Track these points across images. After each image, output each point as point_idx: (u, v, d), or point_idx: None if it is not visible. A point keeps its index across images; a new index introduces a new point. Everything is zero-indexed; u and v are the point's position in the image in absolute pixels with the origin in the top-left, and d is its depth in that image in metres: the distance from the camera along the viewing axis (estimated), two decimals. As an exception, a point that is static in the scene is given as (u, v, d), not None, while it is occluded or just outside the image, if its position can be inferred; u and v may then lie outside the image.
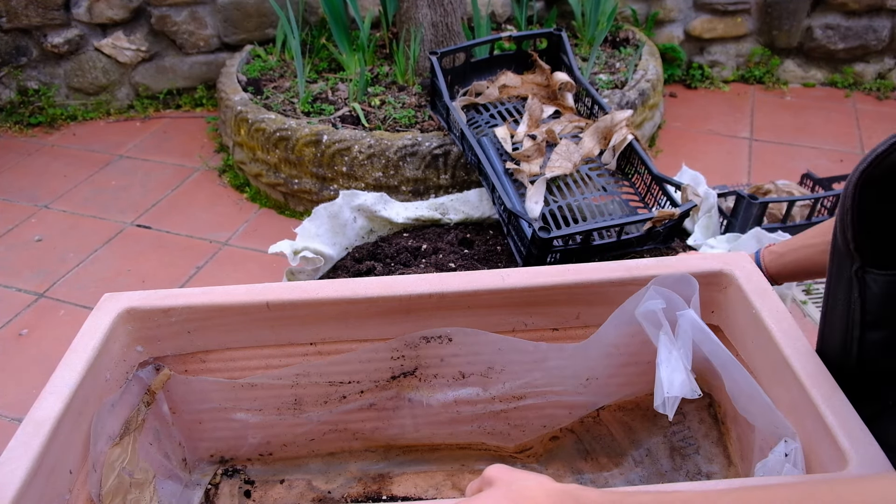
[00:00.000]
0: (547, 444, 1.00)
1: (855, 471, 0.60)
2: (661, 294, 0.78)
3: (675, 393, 0.73)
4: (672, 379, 0.73)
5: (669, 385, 0.73)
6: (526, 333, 0.90)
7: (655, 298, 0.78)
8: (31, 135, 2.77)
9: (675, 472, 0.92)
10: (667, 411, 0.73)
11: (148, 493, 0.83)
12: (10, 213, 2.32)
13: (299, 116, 2.17)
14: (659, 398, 0.74)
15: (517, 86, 1.83)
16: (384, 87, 2.31)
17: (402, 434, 0.98)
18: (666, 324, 0.77)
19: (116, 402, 0.82)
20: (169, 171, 2.52)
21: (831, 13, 2.77)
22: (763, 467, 0.69)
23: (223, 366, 0.91)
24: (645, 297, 0.79)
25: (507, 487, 0.55)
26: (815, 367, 0.71)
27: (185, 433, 0.96)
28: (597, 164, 1.59)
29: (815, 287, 1.84)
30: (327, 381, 0.91)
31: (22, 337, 1.81)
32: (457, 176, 2.00)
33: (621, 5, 2.80)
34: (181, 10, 2.74)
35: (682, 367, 0.74)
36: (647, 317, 0.78)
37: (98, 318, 0.83)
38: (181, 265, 2.05)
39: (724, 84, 2.90)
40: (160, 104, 2.91)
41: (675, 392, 0.73)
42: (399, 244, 1.52)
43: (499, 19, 2.77)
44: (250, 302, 0.85)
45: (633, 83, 2.30)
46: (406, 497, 0.97)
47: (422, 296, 0.84)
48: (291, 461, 1.00)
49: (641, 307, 0.79)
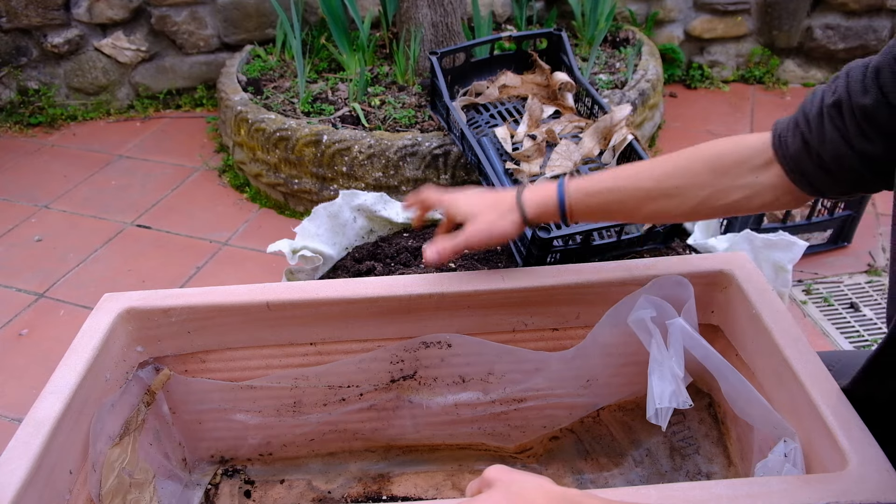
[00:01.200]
0: (547, 445, 1.00)
1: (855, 471, 0.60)
2: (651, 303, 0.79)
3: (665, 404, 0.73)
4: (663, 390, 0.74)
5: (661, 397, 0.74)
6: (526, 333, 0.90)
7: (645, 307, 0.78)
8: (31, 135, 2.77)
9: (675, 472, 0.92)
10: (660, 422, 0.74)
11: (148, 493, 0.83)
12: (10, 213, 2.32)
13: (299, 116, 2.17)
14: (651, 409, 0.74)
15: (517, 86, 1.83)
16: (384, 87, 2.31)
17: (402, 434, 0.98)
18: (656, 333, 0.78)
19: (116, 402, 0.82)
20: (169, 171, 2.52)
21: (831, 13, 2.76)
22: (763, 467, 0.69)
23: (223, 366, 0.91)
24: (636, 305, 0.79)
25: (506, 489, 0.55)
26: (816, 367, 0.71)
27: (185, 433, 0.96)
28: (597, 164, 1.59)
29: (814, 287, 1.84)
30: (326, 384, 0.91)
31: (22, 337, 1.81)
32: (457, 176, 2.00)
33: (621, 5, 2.80)
34: (181, 10, 2.74)
35: (672, 378, 0.75)
36: (638, 325, 0.79)
37: (98, 318, 0.83)
38: (181, 265, 2.05)
39: (724, 84, 2.90)
40: (160, 104, 2.91)
41: (666, 403, 0.73)
42: (399, 244, 1.52)
43: (499, 19, 2.77)
44: (250, 302, 0.85)
45: (633, 83, 2.30)
46: (406, 497, 0.97)
47: (422, 296, 0.84)
48: (291, 461, 1.00)
49: (632, 316, 0.79)
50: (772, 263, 1.43)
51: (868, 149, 0.60)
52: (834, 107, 0.62)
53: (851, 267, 1.92)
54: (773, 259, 1.43)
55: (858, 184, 0.64)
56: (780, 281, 1.43)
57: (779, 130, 0.68)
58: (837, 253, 1.96)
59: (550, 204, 0.79)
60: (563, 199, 0.78)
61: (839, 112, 0.61)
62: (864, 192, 0.65)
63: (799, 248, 1.43)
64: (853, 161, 0.61)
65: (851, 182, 0.64)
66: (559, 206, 0.78)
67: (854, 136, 0.60)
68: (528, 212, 0.80)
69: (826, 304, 1.79)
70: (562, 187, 0.79)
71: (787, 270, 1.43)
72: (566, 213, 0.79)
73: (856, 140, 0.60)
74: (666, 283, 0.81)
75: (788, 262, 1.42)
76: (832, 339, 1.68)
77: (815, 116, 0.63)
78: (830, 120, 0.62)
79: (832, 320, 1.74)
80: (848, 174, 0.63)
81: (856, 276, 1.88)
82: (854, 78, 0.60)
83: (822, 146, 0.63)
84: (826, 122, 0.62)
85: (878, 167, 0.61)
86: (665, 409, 0.73)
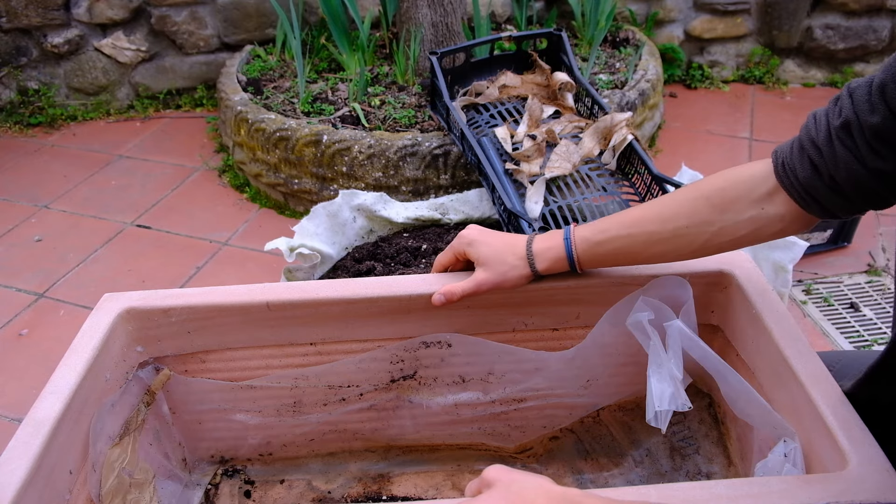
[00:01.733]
0: (547, 444, 1.00)
1: (855, 471, 0.61)
2: (649, 304, 0.79)
3: (665, 407, 0.73)
4: (662, 393, 0.74)
5: (660, 399, 0.74)
6: (526, 333, 0.90)
7: (643, 310, 0.78)
8: (31, 135, 2.77)
9: (675, 472, 0.92)
10: (659, 425, 0.74)
11: (148, 494, 0.83)
12: (10, 213, 2.32)
13: (299, 116, 2.17)
14: (651, 412, 0.74)
15: (517, 86, 1.83)
16: (384, 87, 2.31)
17: (402, 434, 0.98)
18: (655, 335, 0.78)
19: (116, 402, 0.82)
20: (169, 171, 2.52)
21: (831, 13, 2.76)
22: (763, 467, 0.69)
23: (223, 366, 0.91)
24: (634, 307, 0.80)
25: (506, 489, 0.55)
26: (816, 367, 0.71)
27: (185, 433, 0.96)
28: (597, 165, 1.59)
29: (814, 287, 1.84)
30: (326, 384, 0.91)
31: (22, 337, 1.81)
32: (457, 176, 2.00)
33: (621, 5, 2.80)
34: (181, 10, 2.74)
35: (671, 380, 0.75)
36: (637, 327, 0.79)
37: (98, 318, 0.83)
38: (181, 265, 2.05)
39: (723, 84, 2.90)
40: (160, 104, 2.91)
41: (665, 406, 0.73)
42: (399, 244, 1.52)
43: (499, 19, 2.77)
44: (250, 302, 0.85)
45: (633, 83, 2.30)
46: (406, 497, 0.97)
47: (422, 296, 0.85)
48: (291, 461, 1.01)
49: (630, 318, 0.79)
50: (772, 263, 1.43)
51: (881, 166, 0.60)
52: (843, 128, 0.61)
53: (851, 267, 1.92)
54: (773, 259, 1.43)
55: (873, 201, 0.64)
56: (780, 281, 1.44)
57: (781, 158, 0.68)
58: (837, 253, 1.96)
59: (559, 258, 0.81)
60: (570, 253, 0.80)
61: (848, 133, 0.61)
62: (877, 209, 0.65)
63: (799, 248, 1.43)
64: (868, 180, 0.61)
65: (866, 200, 0.64)
66: (568, 261, 0.81)
67: (866, 155, 0.60)
68: (538, 267, 0.82)
69: (826, 304, 1.79)
70: (569, 242, 0.81)
71: (788, 270, 1.43)
72: (576, 265, 0.81)
73: (869, 159, 0.60)
74: (665, 284, 0.81)
75: (789, 261, 1.42)
76: (832, 339, 1.68)
77: (823, 140, 0.63)
78: (840, 142, 0.62)
79: (832, 320, 1.74)
80: (863, 193, 0.63)
81: (856, 276, 1.88)
82: (859, 98, 0.60)
83: (835, 169, 0.63)
84: (836, 144, 0.62)
85: (893, 183, 0.61)
86: (664, 412, 0.74)
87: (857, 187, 0.62)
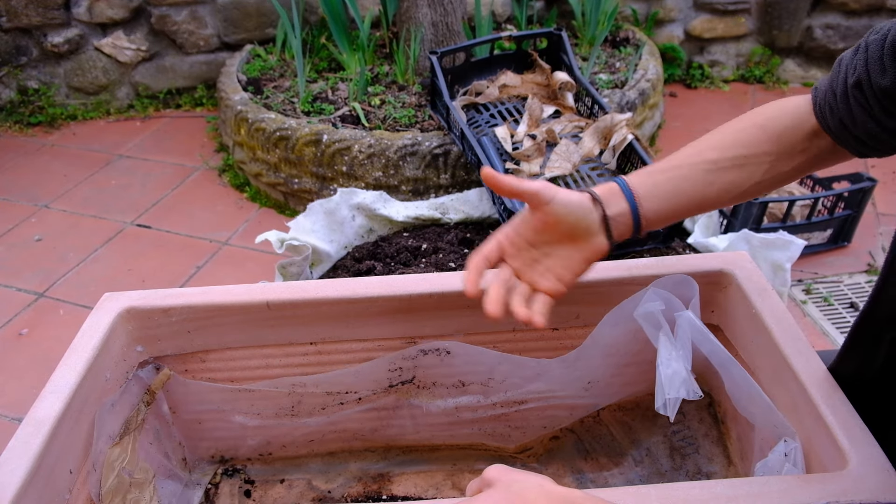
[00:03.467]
0: (547, 444, 1.00)
1: (855, 470, 0.61)
2: (660, 296, 0.78)
3: (675, 394, 0.73)
4: (672, 380, 0.73)
5: (670, 386, 0.73)
6: (526, 333, 0.90)
7: (654, 300, 0.78)
8: (31, 134, 2.77)
9: (675, 471, 0.92)
10: (668, 412, 0.73)
11: (148, 493, 0.83)
12: (10, 213, 2.32)
13: (299, 116, 2.17)
14: (660, 399, 0.74)
15: (517, 85, 1.83)
16: (384, 87, 2.31)
17: (401, 434, 0.98)
18: (665, 325, 0.77)
19: (116, 401, 0.82)
20: (169, 170, 2.52)
21: (831, 13, 2.77)
22: (763, 467, 0.69)
23: (223, 365, 0.91)
24: (644, 298, 0.79)
25: (506, 489, 0.55)
26: (816, 366, 0.71)
27: (185, 433, 0.96)
28: (597, 164, 1.59)
29: (814, 287, 1.84)
30: (324, 391, 0.91)
31: (22, 337, 1.81)
32: (457, 176, 2.00)
33: (621, 5, 2.80)
34: (181, 9, 2.74)
35: (683, 368, 0.74)
36: (647, 318, 0.78)
37: (98, 318, 0.83)
38: (181, 265, 2.05)
39: (724, 84, 2.90)
40: (160, 104, 2.91)
41: (676, 393, 0.73)
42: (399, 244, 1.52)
43: (499, 19, 2.77)
44: (250, 302, 0.85)
45: (634, 83, 2.30)
46: (406, 497, 0.97)
47: (422, 296, 0.84)
48: (291, 461, 1.00)
49: (640, 308, 0.79)
50: (770, 262, 1.43)
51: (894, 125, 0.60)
52: (856, 87, 0.62)
53: (851, 267, 1.92)
54: (772, 258, 1.43)
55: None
56: (779, 280, 1.44)
57: (818, 101, 0.68)
58: (837, 253, 1.96)
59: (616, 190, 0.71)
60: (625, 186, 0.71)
61: (861, 92, 0.61)
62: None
63: (797, 246, 1.43)
64: (885, 136, 0.62)
65: (891, 150, 0.64)
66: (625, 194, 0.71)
67: (879, 114, 0.61)
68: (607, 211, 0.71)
69: (826, 303, 1.79)
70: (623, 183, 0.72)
71: (786, 269, 1.43)
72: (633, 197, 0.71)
73: (882, 118, 0.61)
74: (670, 283, 0.81)
75: (787, 260, 1.42)
76: (832, 339, 1.68)
77: (841, 96, 0.64)
78: (856, 100, 0.62)
79: (832, 320, 1.74)
80: (886, 148, 0.64)
81: (856, 275, 1.88)
82: (873, 55, 0.60)
83: (853, 125, 0.63)
84: (852, 102, 0.63)
85: None
86: (674, 400, 0.73)
87: (878, 140, 0.63)
